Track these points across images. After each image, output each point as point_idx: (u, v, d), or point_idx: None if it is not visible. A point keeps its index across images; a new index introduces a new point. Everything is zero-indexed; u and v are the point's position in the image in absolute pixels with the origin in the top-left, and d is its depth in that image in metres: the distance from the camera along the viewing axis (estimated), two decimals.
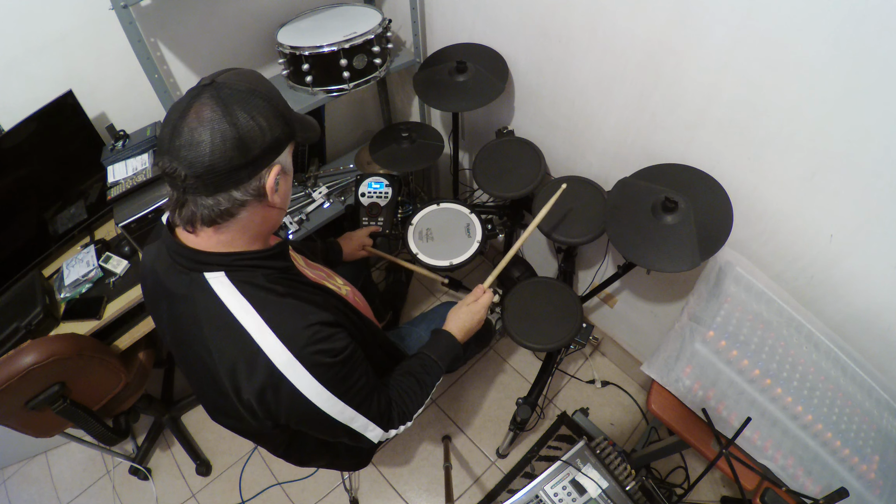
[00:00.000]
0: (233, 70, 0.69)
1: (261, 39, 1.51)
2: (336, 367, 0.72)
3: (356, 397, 0.77)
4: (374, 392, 0.82)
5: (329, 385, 0.72)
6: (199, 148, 0.61)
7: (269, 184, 0.68)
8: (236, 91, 0.64)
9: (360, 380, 0.77)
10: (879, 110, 0.78)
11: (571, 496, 1.04)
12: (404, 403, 0.90)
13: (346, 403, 0.75)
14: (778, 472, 0.90)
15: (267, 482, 1.66)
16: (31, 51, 1.22)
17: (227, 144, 0.62)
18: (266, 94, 0.66)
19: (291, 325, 0.70)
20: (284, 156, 0.70)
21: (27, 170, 1.29)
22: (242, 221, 0.70)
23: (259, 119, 0.64)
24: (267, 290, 0.72)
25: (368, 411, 0.80)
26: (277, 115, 0.67)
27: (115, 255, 1.35)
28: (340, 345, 0.73)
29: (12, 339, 1.16)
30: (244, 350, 0.68)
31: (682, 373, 0.95)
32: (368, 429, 0.82)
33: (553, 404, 1.80)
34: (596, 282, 1.47)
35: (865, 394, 1.00)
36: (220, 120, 0.62)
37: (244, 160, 0.63)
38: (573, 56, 1.21)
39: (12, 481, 1.76)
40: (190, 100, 0.63)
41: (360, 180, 1.60)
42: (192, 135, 0.61)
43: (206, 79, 0.66)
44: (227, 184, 0.65)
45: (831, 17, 0.75)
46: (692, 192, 1.05)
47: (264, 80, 0.70)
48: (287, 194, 0.76)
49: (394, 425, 0.87)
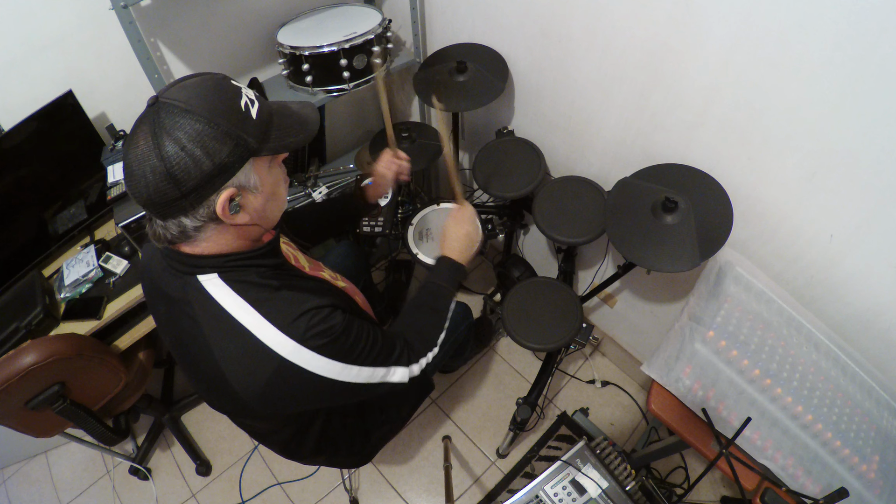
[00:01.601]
0: (179, 84, 0.63)
1: (261, 39, 1.51)
2: (339, 340, 0.73)
3: (368, 356, 0.78)
4: (382, 342, 0.82)
5: (339, 357, 0.73)
6: (137, 180, 0.60)
7: (219, 210, 0.64)
8: (171, 115, 0.59)
9: (366, 340, 0.78)
10: (879, 110, 0.78)
11: (571, 496, 1.04)
12: (421, 336, 0.92)
13: (361, 365, 0.77)
14: (778, 472, 0.90)
15: (267, 482, 1.66)
16: (31, 51, 1.22)
17: (157, 178, 0.59)
18: (207, 112, 0.60)
19: (288, 315, 0.70)
20: (244, 174, 0.65)
21: (27, 170, 1.29)
22: (211, 239, 0.68)
23: (191, 148, 0.59)
24: (261, 287, 0.72)
25: (387, 360, 0.82)
26: (221, 137, 0.60)
27: (115, 255, 1.35)
28: (336, 321, 0.73)
29: (12, 339, 1.16)
30: (247, 347, 0.69)
31: (682, 373, 0.95)
32: (391, 374, 0.83)
33: (553, 404, 1.80)
34: (596, 282, 1.47)
35: (865, 394, 1.00)
36: (150, 154, 0.59)
37: (179, 193, 0.60)
38: (573, 56, 1.21)
39: (12, 481, 1.76)
40: (137, 125, 0.61)
41: (360, 180, 1.60)
42: (132, 166, 0.60)
43: (152, 97, 0.61)
44: (171, 212, 0.63)
45: (831, 17, 0.75)
46: (692, 192, 1.05)
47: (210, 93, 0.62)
48: (262, 208, 0.70)
49: (415, 359, 0.88)
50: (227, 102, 0.63)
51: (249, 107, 0.65)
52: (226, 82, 0.66)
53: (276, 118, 0.69)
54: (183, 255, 0.70)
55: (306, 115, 0.74)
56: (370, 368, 0.79)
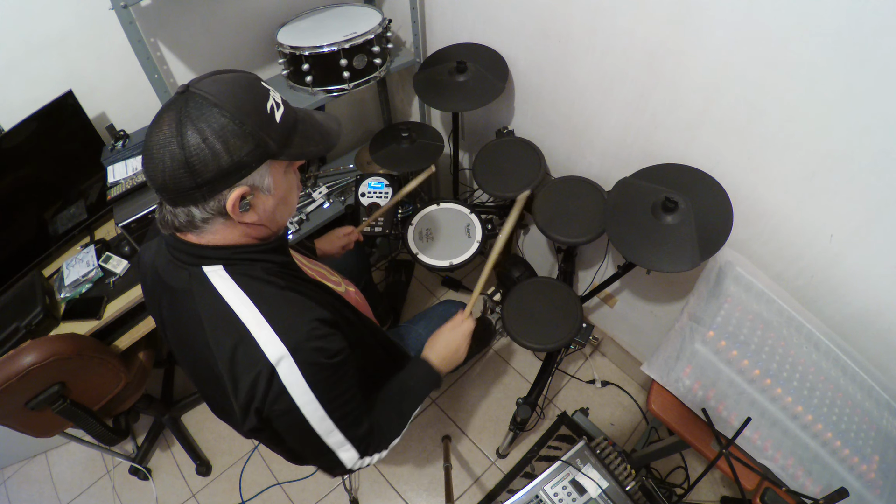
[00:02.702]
0: (214, 75, 0.65)
1: (261, 39, 1.51)
2: (328, 369, 0.70)
3: (340, 409, 0.73)
4: (358, 411, 0.78)
5: (316, 388, 0.69)
6: (155, 164, 0.61)
7: (230, 206, 0.65)
8: (200, 105, 0.60)
9: (347, 392, 0.74)
10: (879, 110, 0.78)
11: (571, 496, 1.04)
12: (382, 433, 0.86)
13: (328, 412, 0.71)
14: (778, 472, 0.90)
15: (267, 482, 1.66)
16: (31, 51, 1.22)
17: (175, 165, 0.60)
18: (234, 109, 0.61)
19: (290, 319, 0.69)
20: (259, 175, 0.66)
21: (27, 170, 1.29)
22: (218, 232, 0.69)
23: (213, 141, 0.60)
24: (266, 283, 0.71)
25: (348, 430, 0.76)
26: (243, 135, 0.62)
27: (115, 255, 1.35)
28: (336, 347, 0.71)
29: (12, 339, 1.16)
30: (240, 342, 0.67)
31: (682, 373, 0.95)
32: (343, 448, 0.77)
33: (553, 404, 1.80)
34: (596, 282, 1.47)
35: (865, 394, 1.00)
36: (172, 140, 0.60)
37: (193, 183, 0.61)
38: (573, 56, 1.21)
39: (12, 481, 1.76)
40: (164, 108, 0.62)
41: (360, 180, 1.60)
42: (153, 149, 0.61)
43: (183, 85, 0.63)
44: (182, 200, 0.64)
45: (831, 17, 0.76)
46: (692, 192, 1.05)
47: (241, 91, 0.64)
48: (271, 210, 0.71)
49: (369, 453, 0.82)
50: (255, 103, 0.64)
51: (275, 110, 0.66)
52: (258, 83, 0.67)
53: (301, 126, 0.70)
54: (188, 245, 0.70)
55: (329, 127, 0.75)
56: (332, 424, 0.73)
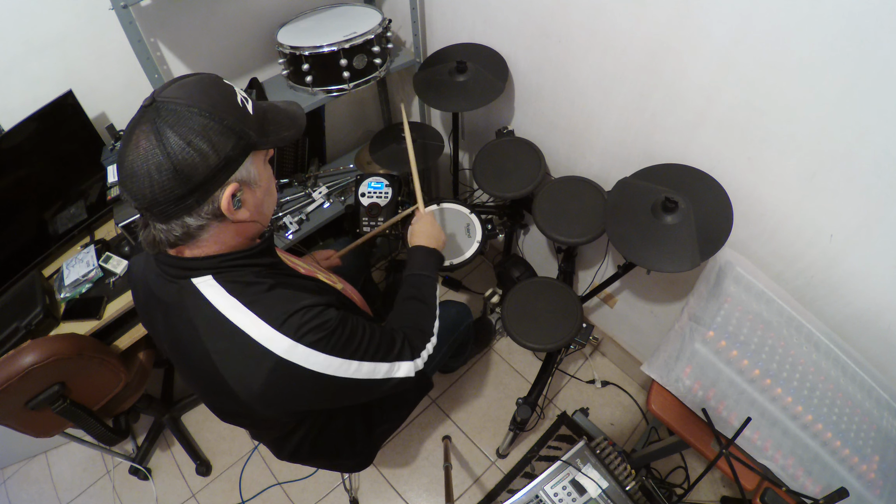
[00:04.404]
0: (177, 82, 0.64)
1: (261, 39, 1.51)
2: (335, 335, 0.72)
3: (367, 351, 0.77)
4: (383, 337, 0.82)
5: (336, 352, 0.72)
6: (141, 181, 0.60)
7: (224, 205, 0.65)
8: (173, 111, 0.60)
9: (362, 335, 0.77)
10: (879, 110, 0.78)
11: (571, 496, 1.04)
12: (416, 329, 0.91)
13: (361, 360, 0.75)
14: (778, 472, 0.90)
15: (267, 482, 1.66)
16: (31, 51, 1.22)
17: (163, 176, 0.59)
18: (210, 107, 0.61)
19: (282, 313, 0.69)
20: (245, 169, 0.67)
21: (27, 170, 1.29)
22: (213, 238, 0.69)
23: (198, 142, 0.60)
24: (255, 285, 0.72)
25: (387, 355, 0.80)
26: (225, 131, 0.62)
27: (115, 255, 1.35)
28: (330, 317, 0.73)
29: (12, 339, 1.16)
30: (244, 348, 0.68)
31: (682, 373, 0.95)
32: (395, 368, 0.82)
33: (553, 404, 1.80)
34: (596, 282, 1.47)
35: (865, 394, 1.00)
36: (154, 151, 0.58)
37: (186, 189, 0.61)
38: (573, 56, 1.21)
39: (12, 481, 1.76)
40: (132, 126, 0.61)
41: (360, 180, 1.60)
42: (133, 167, 0.60)
43: (148, 98, 0.61)
44: (176, 212, 0.63)
45: (831, 17, 0.75)
46: (692, 192, 1.05)
47: (210, 89, 0.64)
48: (260, 203, 0.73)
49: (418, 353, 0.87)
50: (227, 98, 0.65)
51: (245, 103, 0.68)
52: (222, 81, 0.68)
53: (270, 114, 0.72)
54: (176, 260, 0.70)
55: (294, 112, 0.77)
56: (371, 364, 0.78)
